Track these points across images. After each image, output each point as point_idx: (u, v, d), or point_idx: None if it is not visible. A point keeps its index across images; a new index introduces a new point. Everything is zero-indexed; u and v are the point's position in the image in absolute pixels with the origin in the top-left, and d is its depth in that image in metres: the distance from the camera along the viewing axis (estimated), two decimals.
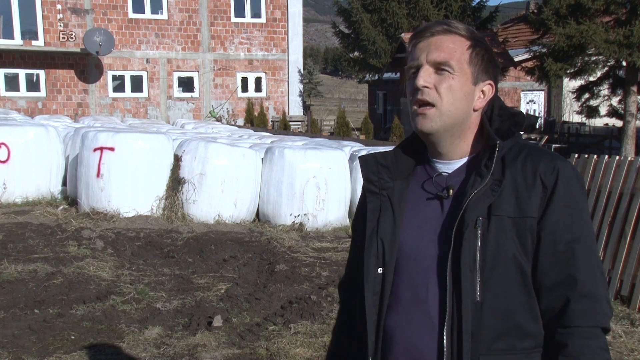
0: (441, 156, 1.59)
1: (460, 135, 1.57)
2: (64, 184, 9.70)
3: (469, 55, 1.52)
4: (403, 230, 1.57)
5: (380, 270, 1.57)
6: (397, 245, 1.56)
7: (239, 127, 18.92)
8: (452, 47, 1.51)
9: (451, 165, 1.58)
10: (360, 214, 1.71)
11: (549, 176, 1.48)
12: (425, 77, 1.51)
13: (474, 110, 1.56)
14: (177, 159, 8.48)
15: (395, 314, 1.55)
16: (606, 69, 17.13)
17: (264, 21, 24.41)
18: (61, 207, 8.86)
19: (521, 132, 1.62)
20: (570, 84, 22.26)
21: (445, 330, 1.47)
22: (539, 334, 1.50)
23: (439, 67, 1.51)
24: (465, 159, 1.58)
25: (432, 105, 1.52)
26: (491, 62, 1.56)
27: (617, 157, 5.87)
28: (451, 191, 1.55)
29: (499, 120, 1.57)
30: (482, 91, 1.56)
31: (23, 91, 21.74)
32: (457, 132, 1.56)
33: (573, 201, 1.48)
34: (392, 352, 1.56)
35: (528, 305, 1.49)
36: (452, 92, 1.51)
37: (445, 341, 1.47)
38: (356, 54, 29.46)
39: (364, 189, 1.67)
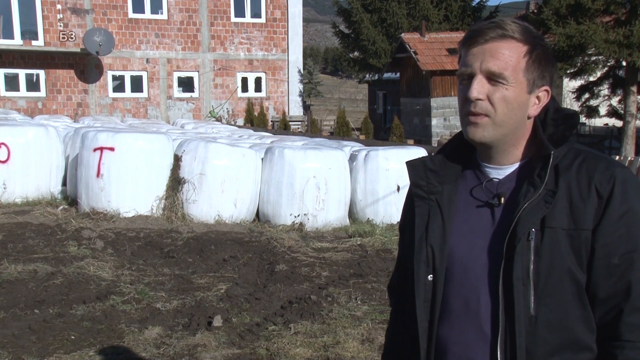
0: (492, 160, 1.54)
1: (514, 143, 1.51)
2: (64, 184, 9.69)
3: (526, 63, 1.46)
4: (453, 237, 1.53)
5: (430, 277, 1.54)
6: (446, 252, 1.53)
7: (239, 127, 18.91)
8: (507, 56, 1.44)
9: (502, 170, 1.53)
10: (406, 217, 1.68)
11: (605, 186, 1.42)
12: (479, 89, 1.45)
13: (528, 118, 1.51)
14: (177, 159, 8.48)
15: (448, 323, 1.52)
16: (606, 69, 17.14)
17: (264, 21, 24.41)
18: (61, 207, 8.86)
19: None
20: (570, 84, 22.26)
21: (499, 345, 1.45)
22: (595, 345, 1.47)
23: (493, 78, 1.45)
24: (517, 165, 1.53)
25: (485, 115, 1.47)
26: (548, 64, 1.50)
27: (617, 157, 5.87)
28: (502, 199, 1.50)
29: (554, 125, 1.51)
30: (538, 97, 1.50)
31: (23, 91, 21.74)
32: (511, 141, 1.51)
33: (630, 212, 1.41)
34: None
35: (584, 318, 1.45)
36: (506, 103, 1.45)
37: (499, 356, 1.45)
38: (356, 54, 29.50)
39: (411, 193, 1.63)
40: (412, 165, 1.62)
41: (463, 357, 1.50)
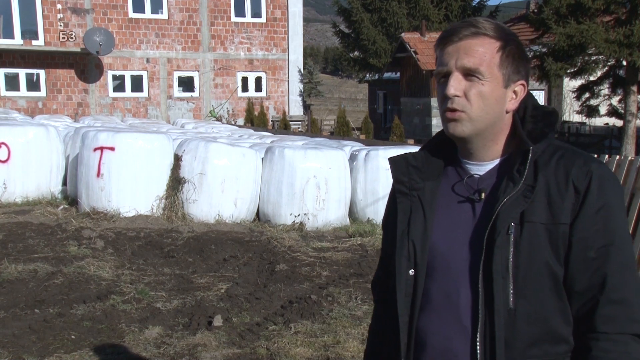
0: (472, 157, 1.57)
1: (493, 138, 1.54)
2: (64, 183, 9.70)
3: (500, 58, 1.49)
4: (434, 232, 1.56)
5: (411, 272, 1.56)
6: (428, 247, 1.55)
7: (239, 126, 18.91)
8: (481, 52, 1.48)
9: (483, 167, 1.57)
10: (389, 213, 1.71)
11: (582, 181, 1.45)
12: (455, 86, 1.48)
13: (506, 112, 1.54)
14: (177, 159, 8.48)
15: (428, 316, 1.55)
16: (606, 68, 17.12)
17: (264, 21, 24.41)
18: (61, 206, 8.86)
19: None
20: (570, 84, 22.25)
21: (478, 337, 1.47)
22: (571, 337, 1.50)
23: (469, 74, 1.48)
24: (497, 161, 1.56)
25: (462, 111, 1.50)
26: (522, 59, 1.53)
27: (618, 157, 5.87)
28: (483, 194, 1.53)
29: (532, 122, 1.54)
30: (515, 92, 1.53)
31: (23, 91, 21.74)
32: (490, 135, 1.54)
33: (606, 206, 1.45)
34: (425, 354, 1.56)
35: (561, 311, 1.48)
36: (482, 98, 1.49)
37: (478, 348, 1.47)
38: (356, 53, 29.50)
39: (394, 189, 1.65)
40: (394, 161, 1.65)
41: (442, 349, 1.52)
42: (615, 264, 1.44)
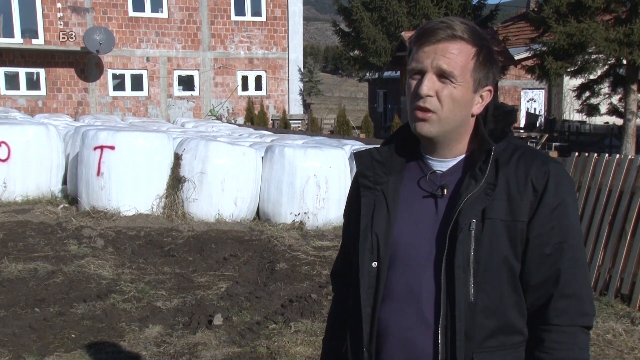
0: (435, 154, 1.62)
1: (457, 138, 1.59)
2: (65, 182, 9.70)
3: (474, 64, 1.53)
4: (397, 226, 1.59)
5: (374, 264, 1.60)
6: (391, 240, 1.59)
7: (239, 125, 18.91)
8: (457, 56, 1.51)
9: (445, 163, 1.61)
10: (351, 204, 1.74)
11: (540, 180, 1.51)
12: (429, 85, 1.52)
13: (472, 116, 1.58)
14: (178, 158, 8.48)
15: (390, 307, 1.58)
16: (606, 67, 17.10)
17: (264, 20, 24.40)
18: (61, 205, 8.86)
19: (519, 129, 1.64)
20: (570, 83, 22.25)
21: (440, 329, 1.52)
22: (525, 328, 1.57)
23: (443, 76, 1.52)
24: (459, 158, 1.60)
25: (432, 112, 1.54)
26: (492, 64, 1.57)
27: (618, 156, 5.87)
28: (445, 190, 1.57)
29: (494, 121, 1.60)
30: (481, 96, 1.58)
31: (23, 90, 21.74)
32: (454, 136, 1.58)
33: (562, 205, 1.52)
34: (387, 344, 1.59)
35: (517, 304, 1.54)
36: (452, 101, 1.53)
37: (440, 339, 1.52)
38: (356, 52, 29.46)
39: (357, 182, 1.69)
40: (359, 155, 1.68)
41: (403, 339, 1.56)
42: (568, 260, 1.52)
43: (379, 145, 1.70)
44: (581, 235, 1.58)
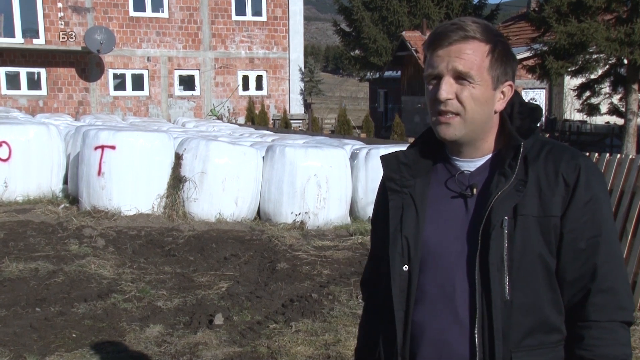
0: (462, 154, 1.61)
1: (483, 137, 1.58)
2: (65, 182, 9.70)
3: (490, 62, 1.53)
4: (427, 228, 1.59)
5: (405, 267, 1.59)
6: (420, 243, 1.58)
7: (240, 125, 18.91)
8: (472, 56, 1.51)
9: (473, 163, 1.60)
10: (379, 209, 1.73)
11: (571, 175, 1.50)
12: (448, 89, 1.52)
13: (495, 112, 1.58)
14: (178, 158, 8.48)
15: (423, 309, 1.57)
16: (607, 67, 17.09)
17: (265, 19, 24.40)
18: (62, 205, 8.86)
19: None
20: (571, 82, 22.22)
21: (476, 329, 1.50)
22: (563, 326, 1.54)
23: (460, 77, 1.52)
24: (487, 157, 1.60)
25: (455, 114, 1.53)
26: (509, 60, 1.57)
27: (618, 155, 5.86)
28: (475, 190, 1.56)
29: (520, 118, 1.58)
30: (502, 92, 1.57)
31: (24, 89, 21.74)
32: (480, 135, 1.57)
33: (594, 198, 1.50)
34: (421, 347, 1.57)
35: (554, 301, 1.52)
36: (474, 100, 1.52)
37: (477, 340, 1.50)
38: (357, 52, 29.48)
39: (384, 187, 1.68)
40: (386, 159, 1.68)
41: (439, 341, 1.54)
42: (604, 254, 1.50)
43: (404, 148, 1.70)
44: (615, 229, 1.56)
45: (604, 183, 1.55)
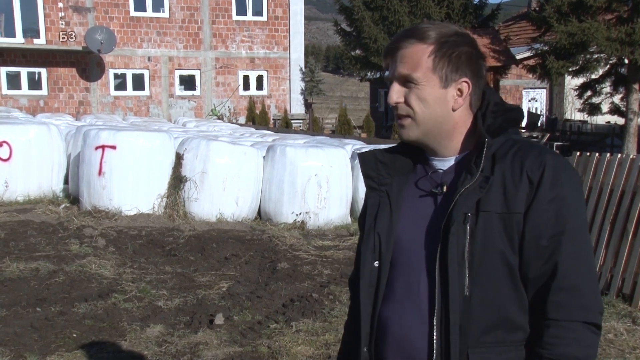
0: (436, 154, 1.64)
1: (447, 136, 1.60)
2: (66, 182, 9.70)
3: (432, 62, 1.54)
4: (399, 225, 1.61)
5: (376, 263, 1.61)
6: (392, 240, 1.60)
7: (241, 125, 18.91)
8: (413, 59, 1.55)
9: (445, 162, 1.62)
10: (363, 211, 1.76)
11: (535, 172, 1.49)
12: (394, 94, 1.57)
13: (454, 110, 1.58)
14: (179, 157, 8.49)
15: (389, 305, 1.59)
16: (608, 66, 17.10)
17: (266, 19, 24.40)
18: (63, 205, 8.87)
19: (521, 128, 1.63)
20: (572, 82, 22.23)
21: (435, 323, 1.51)
22: (528, 325, 1.53)
23: (406, 80, 1.56)
24: (459, 156, 1.62)
25: (406, 116, 1.58)
26: (464, 58, 1.56)
27: (619, 155, 5.87)
28: (445, 187, 1.59)
29: (492, 117, 1.59)
30: (459, 90, 1.57)
31: (25, 89, 21.74)
32: (442, 134, 1.59)
33: (560, 196, 1.48)
34: (385, 342, 1.59)
35: (516, 299, 1.51)
36: (421, 101, 1.56)
37: (435, 334, 1.51)
38: (358, 52, 29.44)
39: (365, 185, 1.72)
40: (362, 156, 1.70)
41: (401, 338, 1.56)
42: (567, 252, 1.47)
43: (382, 146, 1.73)
44: (585, 228, 1.52)
45: (574, 181, 1.52)
